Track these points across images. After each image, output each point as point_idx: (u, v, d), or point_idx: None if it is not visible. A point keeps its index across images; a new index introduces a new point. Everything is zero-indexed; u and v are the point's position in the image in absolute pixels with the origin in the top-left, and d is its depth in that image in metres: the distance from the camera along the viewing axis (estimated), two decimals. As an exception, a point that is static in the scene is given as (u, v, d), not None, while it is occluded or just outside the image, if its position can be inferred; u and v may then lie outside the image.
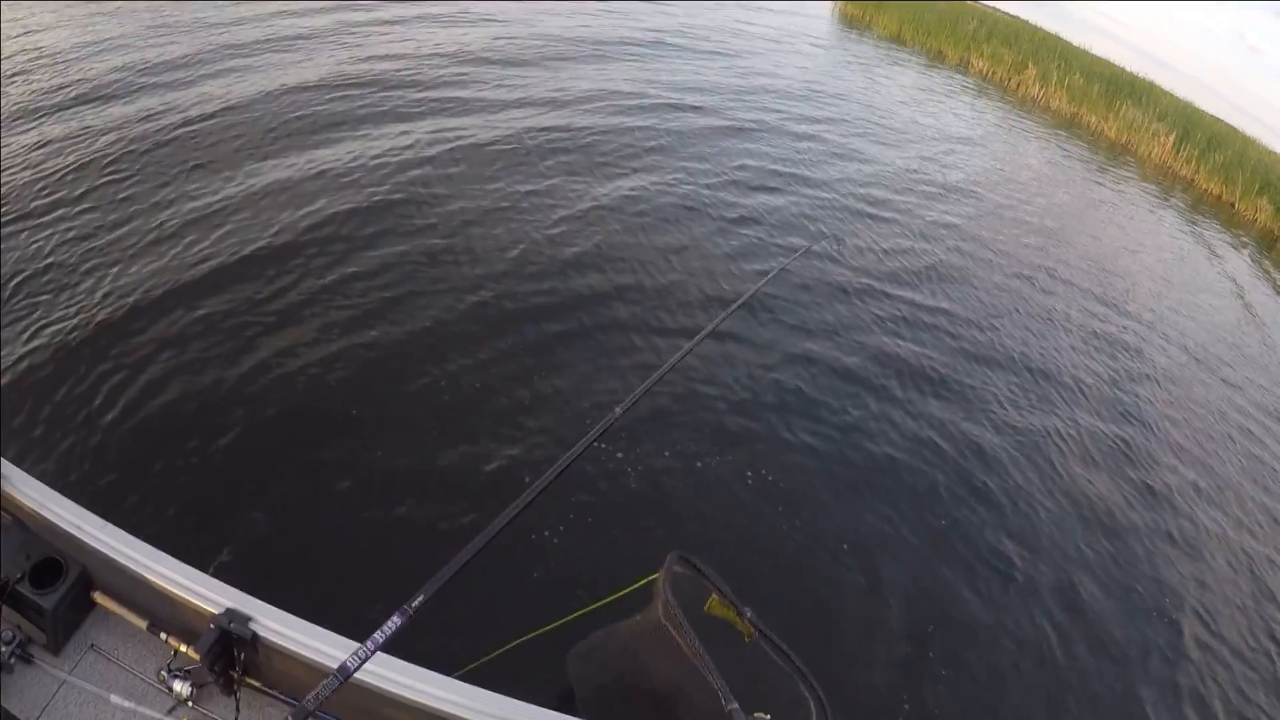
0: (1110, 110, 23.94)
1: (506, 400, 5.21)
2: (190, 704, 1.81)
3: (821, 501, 5.38)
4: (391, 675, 1.68)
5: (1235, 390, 10.70)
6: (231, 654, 1.73)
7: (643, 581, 2.15)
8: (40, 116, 7.27)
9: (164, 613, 1.84)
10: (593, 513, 4.52)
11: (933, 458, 6.27)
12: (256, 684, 1.85)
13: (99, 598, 1.98)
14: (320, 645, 1.70)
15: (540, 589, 3.94)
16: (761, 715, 1.74)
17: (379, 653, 1.57)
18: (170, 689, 1.83)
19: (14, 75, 7.96)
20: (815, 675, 1.96)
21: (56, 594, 1.85)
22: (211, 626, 1.67)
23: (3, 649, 1.84)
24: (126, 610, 1.94)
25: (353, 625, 1.86)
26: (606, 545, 4.33)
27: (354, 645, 1.59)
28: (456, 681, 1.73)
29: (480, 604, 3.47)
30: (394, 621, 1.60)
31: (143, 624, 1.93)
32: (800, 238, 9.19)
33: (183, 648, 1.85)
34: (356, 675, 1.52)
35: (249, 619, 1.69)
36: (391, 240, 6.51)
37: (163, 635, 1.89)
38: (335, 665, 1.52)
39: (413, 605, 1.63)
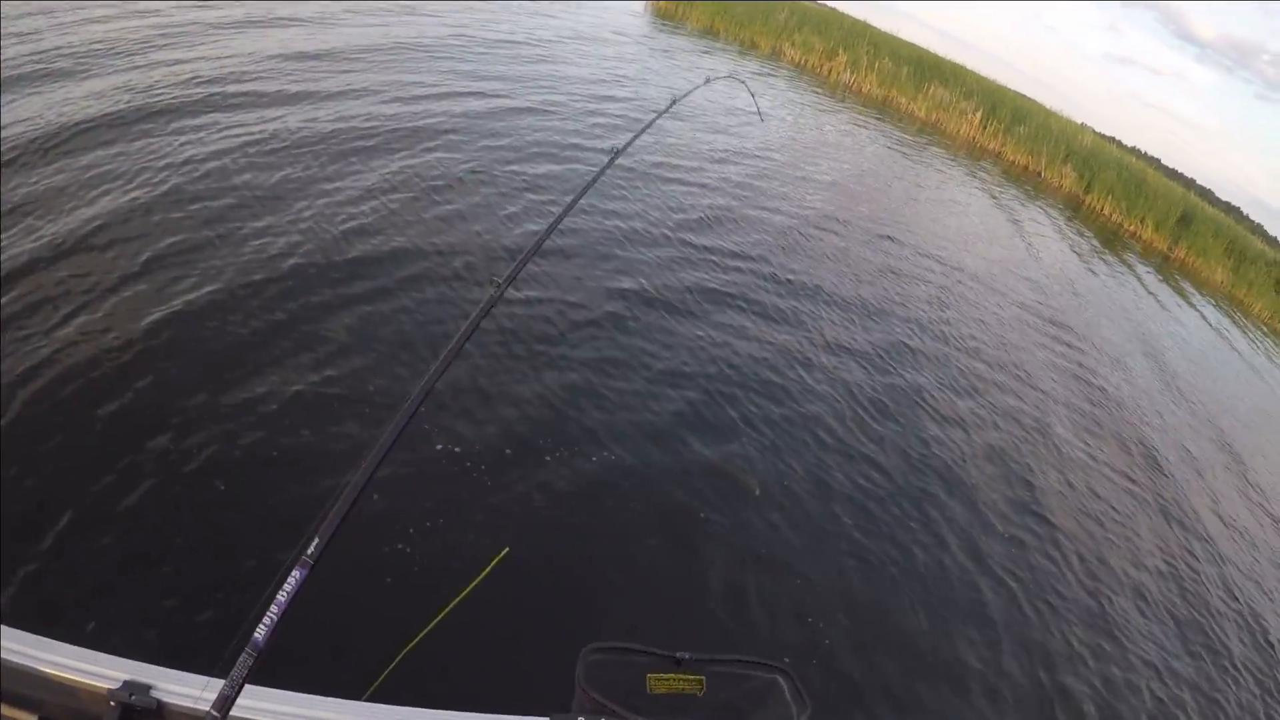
0: (919, 91, 24.91)
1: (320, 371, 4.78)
2: None
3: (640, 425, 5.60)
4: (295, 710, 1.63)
5: (1010, 299, 12.03)
6: None
7: (497, 559, 2.50)
8: None
9: (58, 702, 1.69)
10: (418, 505, 4.13)
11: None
12: None
13: None
14: (239, 699, 1.50)
15: (398, 594, 3.59)
16: None
17: (279, 691, 1.57)
18: None
19: None
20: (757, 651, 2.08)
21: None
22: (112, 704, 1.57)
23: None
24: (17, 711, 1.77)
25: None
26: (444, 533, 4.00)
27: (260, 689, 1.55)
28: (379, 706, 1.68)
29: (343, 624, 3.22)
30: (295, 576, 1.49)
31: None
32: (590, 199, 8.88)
33: None
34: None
35: (149, 687, 1.59)
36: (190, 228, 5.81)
37: None
38: (247, 715, 1.51)
39: (309, 554, 1.53)
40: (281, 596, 1.51)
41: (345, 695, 1.77)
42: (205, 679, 1.64)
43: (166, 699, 1.62)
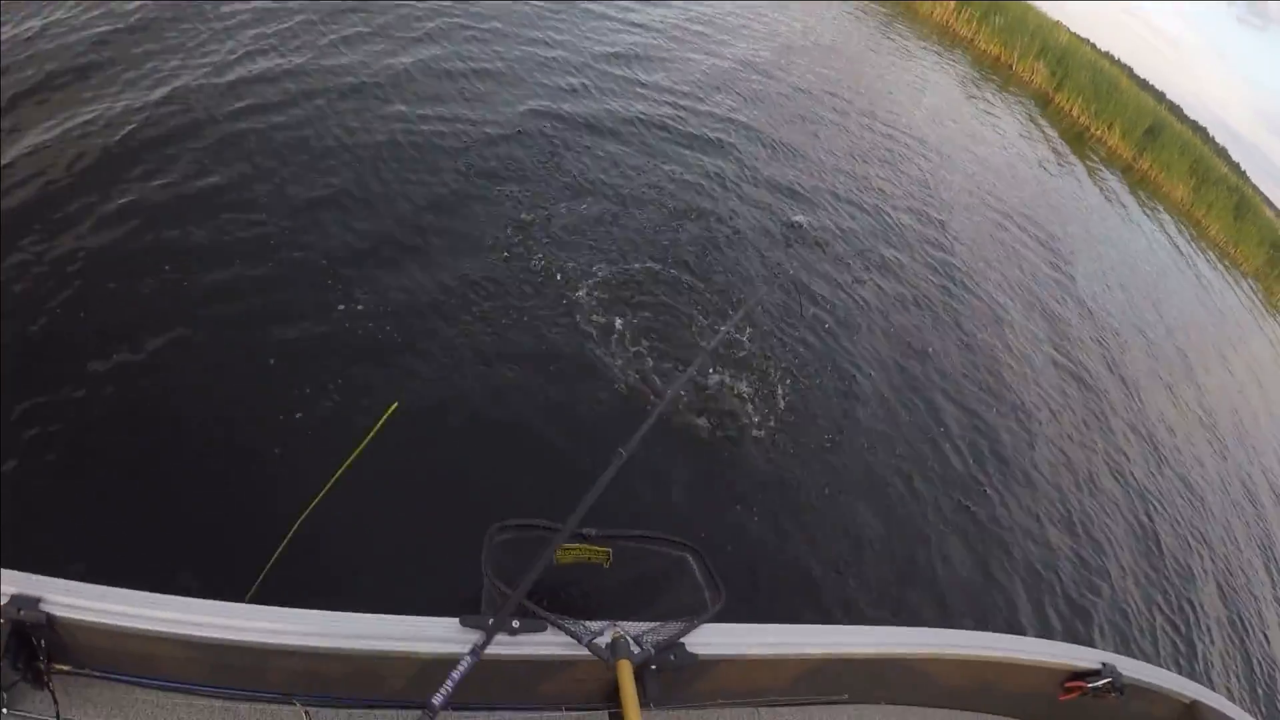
0: (894, -32, 23.13)
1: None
2: (4, 710, 1.59)
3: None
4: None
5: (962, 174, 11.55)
6: (31, 644, 1.53)
7: (385, 415, 2.50)
8: None
9: None
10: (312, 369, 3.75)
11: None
12: (67, 668, 1.62)
13: None
14: (123, 608, 1.52)
15: (277, 475, 3.29)
16: None
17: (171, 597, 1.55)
18: None
19: None
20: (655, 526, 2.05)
21: None
22: (0, 621, 1.48)
23: None
24: None
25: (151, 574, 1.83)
26: (325, 399, 3.63)
27: (162, 598, 1.54)
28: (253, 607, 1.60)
29: (230, 517, 3.05)
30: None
31: None
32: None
33: None
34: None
35: (38, 600, 1.50)
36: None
37: None
38: (144, 625, 1.51)
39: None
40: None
41: (231, 592, 1.73)
42: (100, 588, 1.55)
43: (58, 613, 1.50)
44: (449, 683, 1.48)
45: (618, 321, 4.83)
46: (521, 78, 7.20)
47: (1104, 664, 2.32)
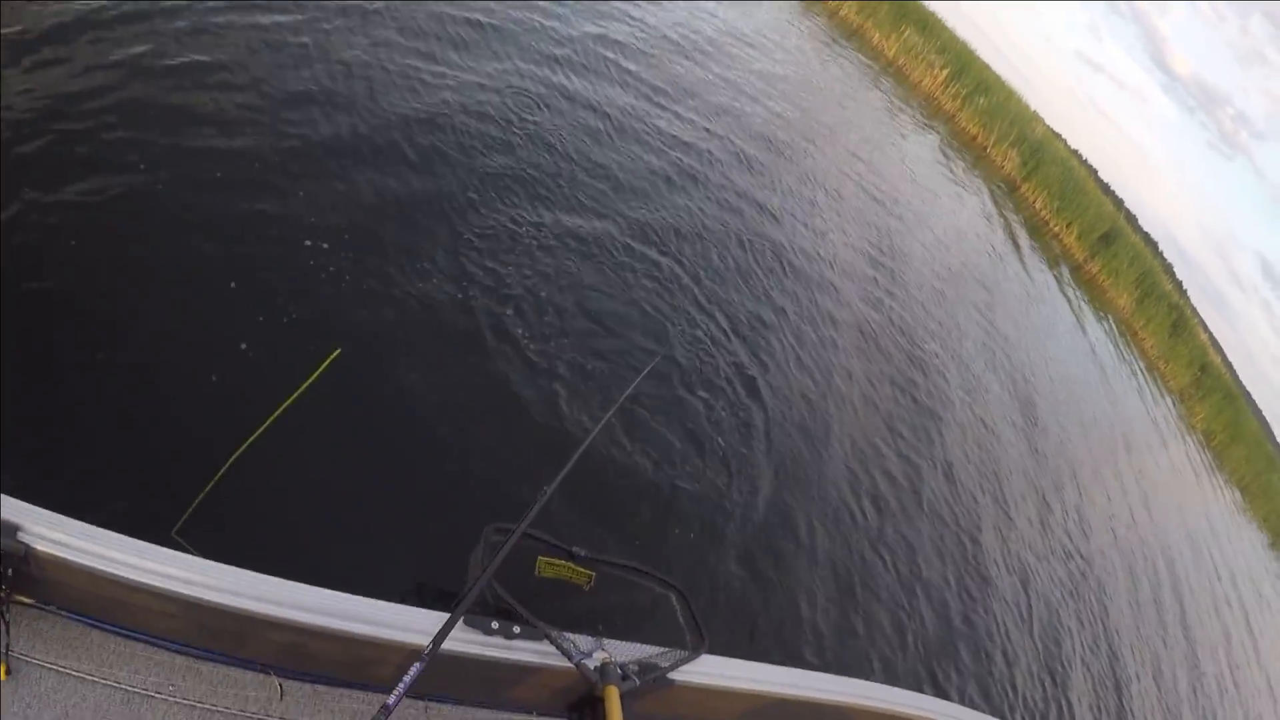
0: (894, 30, 23.41)
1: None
2: None
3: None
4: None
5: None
6: None
7: (327, 361, 2.63)
8: None
9: None
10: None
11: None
12: (29, 600, 1.57)
13: None
14: (111, 553, 1.46)
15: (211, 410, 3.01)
16: None
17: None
18: None
19: None
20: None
21: None
22: None
23: None
24: None
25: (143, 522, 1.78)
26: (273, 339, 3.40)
27: (153, 548, 1.51)
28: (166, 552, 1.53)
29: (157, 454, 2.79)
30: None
31: None
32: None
33: None
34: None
35: (17, 528, 1.43)
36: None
37: None
38: (125, 573, 1.46)
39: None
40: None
41: (153, 529, 1.80)
42: (87, 527, 1.49)
43: (36, 544, 1.43)
44: (406, 677, 1.47)
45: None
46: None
47: None
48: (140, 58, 4.11)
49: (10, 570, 1.46)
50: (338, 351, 3.01)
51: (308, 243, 3.88)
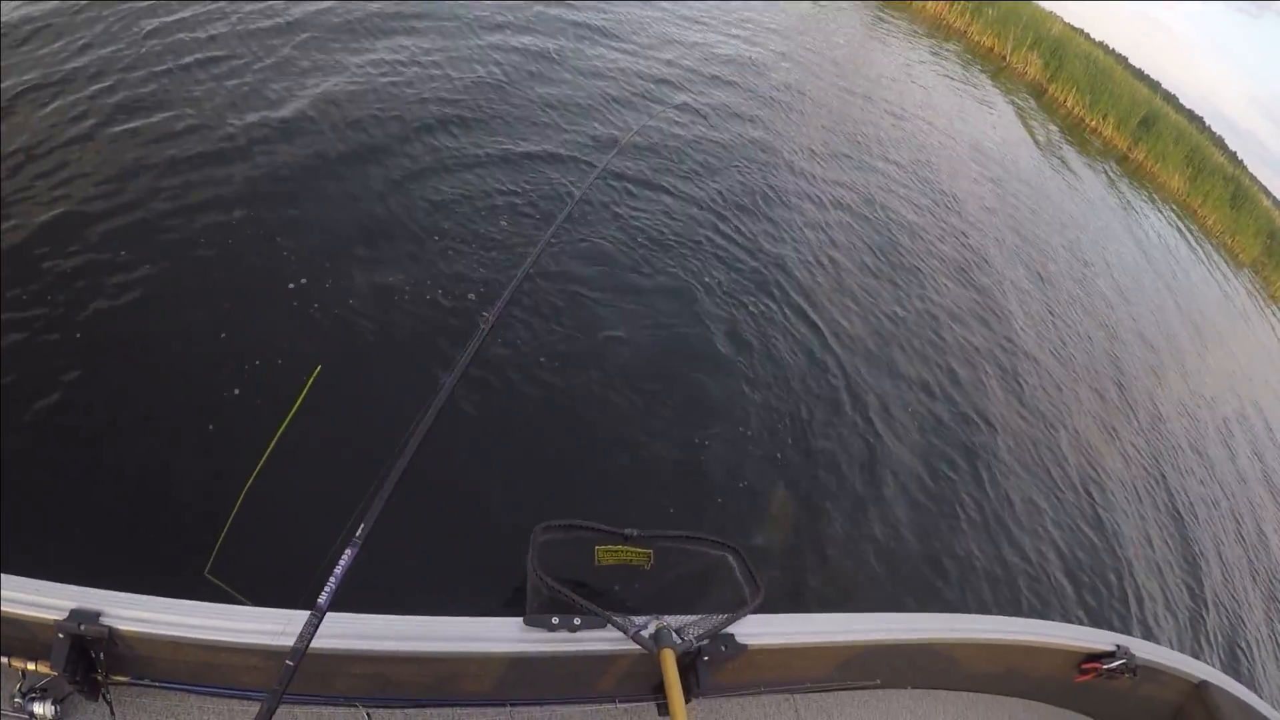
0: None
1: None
2: None
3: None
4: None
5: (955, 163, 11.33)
6: (90, 657, 1.52)
7: (310, 380, 2.87)
8: None
9: (6, 635, 1.53)
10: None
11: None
12: (125, 679, 1.62)
13: None
14: (182, 619, 1.52)
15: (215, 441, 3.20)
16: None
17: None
18: (32, 714, 1.58)
19: None
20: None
21: None
22: (60, 636, 1.46)
23: None
24: None
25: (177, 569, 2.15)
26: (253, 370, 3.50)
27: (226, 608, 1.56)
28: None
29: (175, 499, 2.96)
30: (347, 554, 1.58)
31: None
32: None
33: (32, 666, 1.53)
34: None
35: (98, 614, 1.48)
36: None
37: (4, 660, 1.55)
38: (204, 635, 1.52)
39: (356, 537, 1.61)
40: (338, 570, 1.55)
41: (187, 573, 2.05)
42: (163, 600, 1.53)
43: (118, 625, 1.49)
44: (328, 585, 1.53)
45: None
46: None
47: (1118, 646, 2.34)
48: (91, 116, 4.38)
49: (101, 654, 1.54)
50: (319, 369, 3.14)
51: (291, 285, 3.98)
